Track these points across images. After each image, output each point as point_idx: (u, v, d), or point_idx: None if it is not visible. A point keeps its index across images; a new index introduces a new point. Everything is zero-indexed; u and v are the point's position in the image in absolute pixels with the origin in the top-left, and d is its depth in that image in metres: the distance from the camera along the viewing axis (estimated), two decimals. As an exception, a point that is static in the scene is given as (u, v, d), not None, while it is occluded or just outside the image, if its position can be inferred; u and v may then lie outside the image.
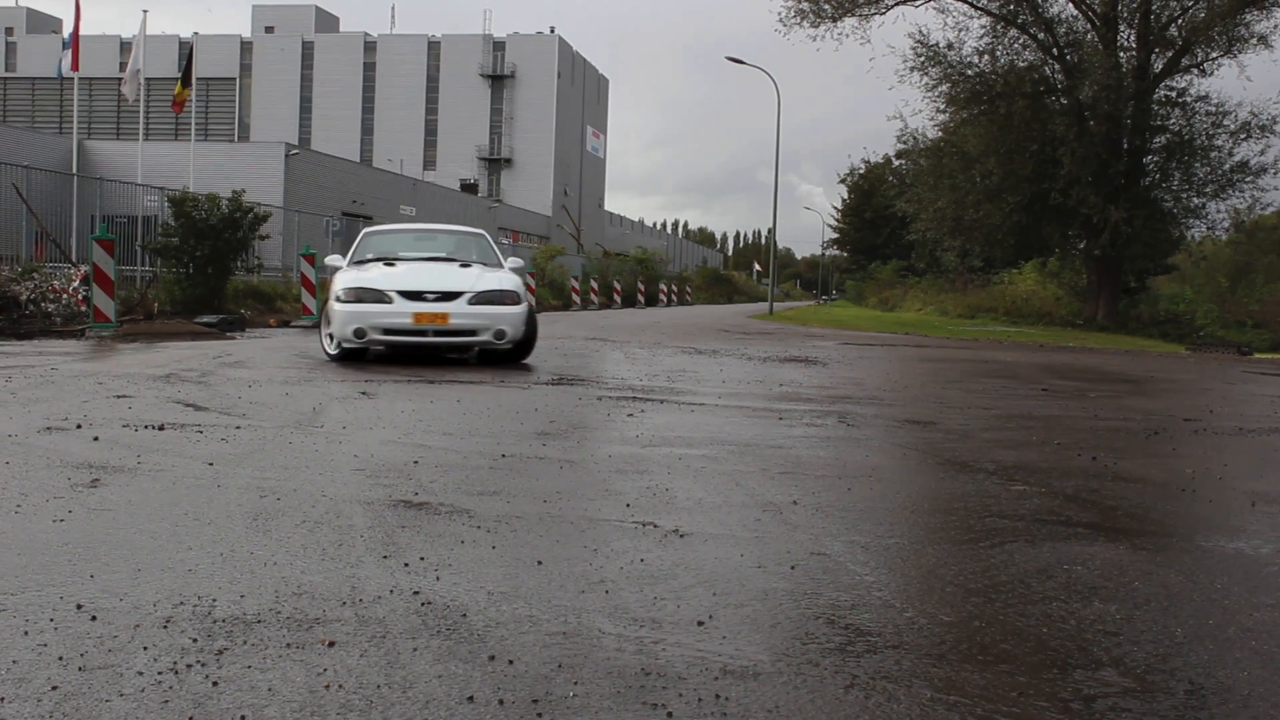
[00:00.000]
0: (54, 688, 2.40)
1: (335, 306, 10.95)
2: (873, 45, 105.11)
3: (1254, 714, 2.48)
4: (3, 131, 39.28)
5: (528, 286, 15.74)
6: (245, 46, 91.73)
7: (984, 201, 31.26)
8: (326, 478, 4.86)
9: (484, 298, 11.09)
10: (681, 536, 3.96)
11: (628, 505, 4.48)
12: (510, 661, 2.64)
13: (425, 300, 10.89)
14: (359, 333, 10.77)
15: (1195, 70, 30.83)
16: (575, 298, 40.77)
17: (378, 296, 10.84)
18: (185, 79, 29.91)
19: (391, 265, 11.77)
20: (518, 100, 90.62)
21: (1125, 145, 30.27)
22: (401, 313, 10.79)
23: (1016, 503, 4.88)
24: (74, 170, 30.75)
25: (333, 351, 11.18)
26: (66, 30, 29.54)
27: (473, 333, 11.08)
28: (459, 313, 10.92)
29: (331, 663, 2.60)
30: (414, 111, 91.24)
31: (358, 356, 11.17)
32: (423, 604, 3.07)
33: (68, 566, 3.34)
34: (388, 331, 10.83)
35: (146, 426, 6.16)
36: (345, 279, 11.32)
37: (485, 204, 72.14)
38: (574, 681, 2.53)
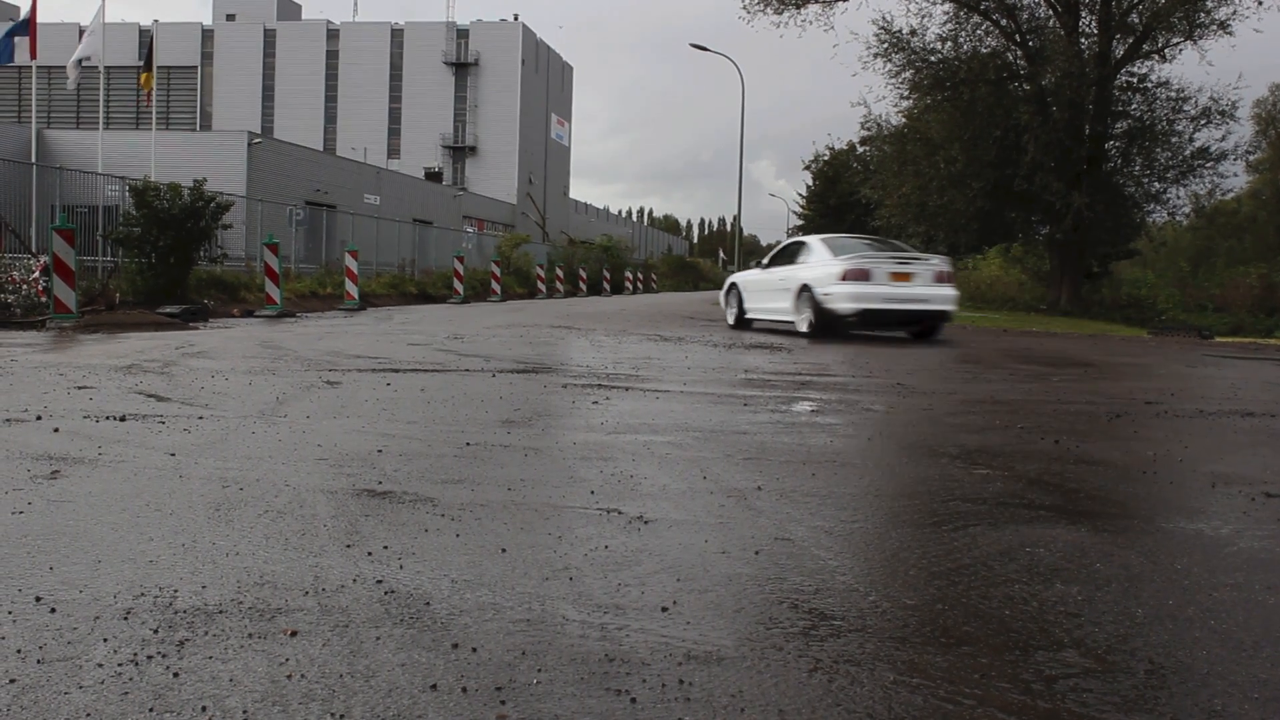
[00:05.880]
0: (12, 680, 2.38)
1: None
2: (836, 32, 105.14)
3: (1212, 692, 2.50)
4: (-41, 121, 38.80)
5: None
6: (206, 34, 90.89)
7: (948, 188, 31.39)
8: (290, 467, 4.83)
9: None
10: (646, 523, 3.96)
11: (592, 492, 4.48)
12: (474, 649, 2.63)
13: None
14: None
15: (1156, 56, 31.02)
16: (541, 285, 40.65)
17: None
18: (148, 66, 29.68)
19: None
20: (482, 88, 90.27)
21: (1087, 131, 30.42)
22: None
23: (980, 486, 4.91)
24: (33, 159, 30.41)
25: None
26: (23, 17, 29.20)
27: None
28: None
29: (294, 653, 2.59)
30: (377, 100, 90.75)
31: None
32: (386, 593, 3.06)
33: (27, 559, 3.30)
34: None
35: (108, 417, 6.11)
36: None
37: (450, 192, 71.89)
38: (537, 669, 2.52)
